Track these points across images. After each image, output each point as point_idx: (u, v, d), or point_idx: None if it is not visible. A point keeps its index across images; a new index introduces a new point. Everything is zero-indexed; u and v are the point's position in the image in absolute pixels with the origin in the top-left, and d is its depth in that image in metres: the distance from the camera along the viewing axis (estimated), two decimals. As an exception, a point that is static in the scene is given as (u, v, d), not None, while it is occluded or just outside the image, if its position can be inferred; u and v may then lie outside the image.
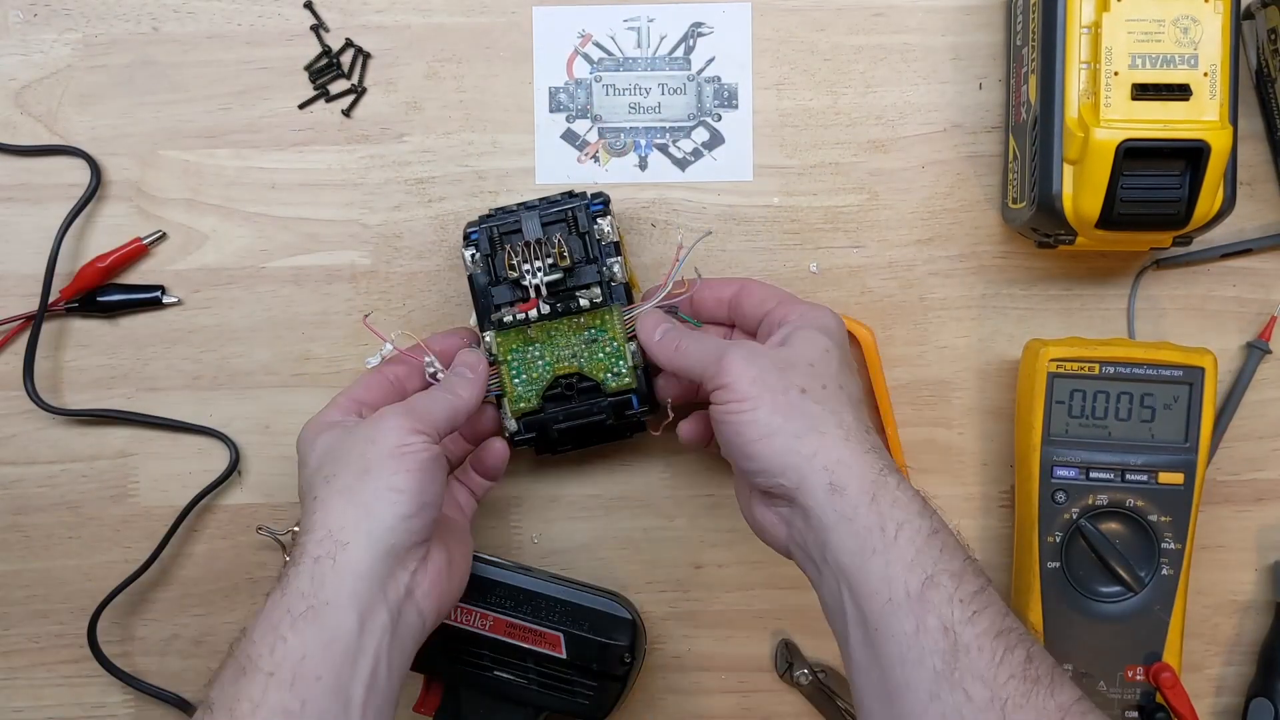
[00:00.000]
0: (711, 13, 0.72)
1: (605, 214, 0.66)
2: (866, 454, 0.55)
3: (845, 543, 0.53)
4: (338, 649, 0.53)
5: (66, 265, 0.72)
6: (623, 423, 0.68)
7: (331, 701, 0.52)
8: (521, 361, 0.67)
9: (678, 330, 0.63)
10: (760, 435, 0.56)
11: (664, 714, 0.74)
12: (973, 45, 0.72)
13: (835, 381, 0.58)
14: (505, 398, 0.67)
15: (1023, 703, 0.48)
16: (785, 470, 0.55)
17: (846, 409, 0.57)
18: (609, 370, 0.66)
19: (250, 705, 0.51)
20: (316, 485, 0.57)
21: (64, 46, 0.72)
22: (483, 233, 0.66)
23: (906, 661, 0.50)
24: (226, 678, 0.52)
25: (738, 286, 0.65)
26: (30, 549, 0.73)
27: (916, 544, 0.52)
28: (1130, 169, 0.61)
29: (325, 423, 0.61)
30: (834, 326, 0.61)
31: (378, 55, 0.72)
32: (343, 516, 0.55)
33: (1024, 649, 0.50)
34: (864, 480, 0.54)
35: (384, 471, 0.56)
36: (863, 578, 0.52)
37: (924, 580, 0.51)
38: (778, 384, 0.57)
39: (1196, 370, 0.67)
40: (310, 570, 0.54)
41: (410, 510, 0.56)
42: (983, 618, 0.50)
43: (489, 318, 0.66)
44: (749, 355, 0.58)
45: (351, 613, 0.53)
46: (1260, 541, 0.73)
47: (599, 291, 0.65)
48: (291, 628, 0.52)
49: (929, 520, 0.53)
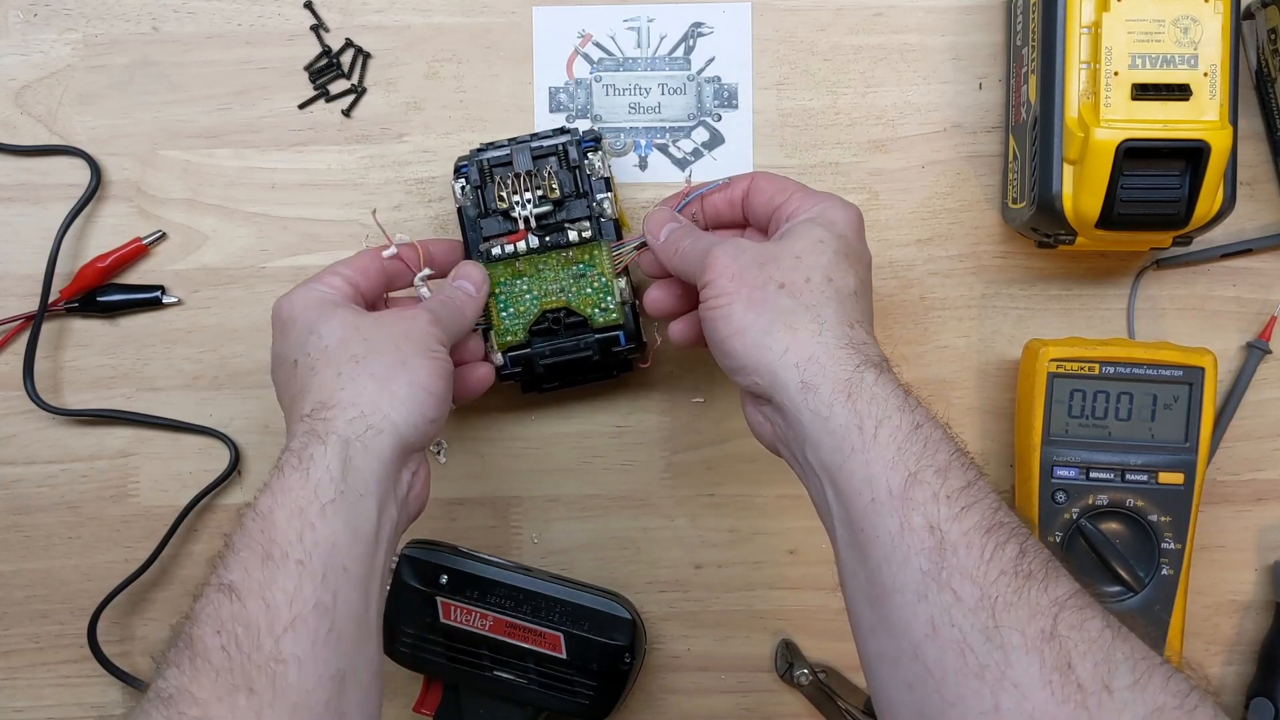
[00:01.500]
0: (711, 13, 0.72)
1: (596, 149, 0.66)
2: (842, 349, 0.53)
3: (823, 441, 0.51)
4: (362, 541, 0.51)
5: (66, 265, 0.72)
6: (609, 359, 0.68)
7: (357, 596, 0.51)
8: (509, 295, 0.67)
9: (683, 230, 0.62)
10: (733, 331, 0.55)
11: (664, 714, 0.74)
12: (973, 45, 0.72)
13: (822, 274, 0.55)
14: (492, 331, 0.67)
15: (1014, 600, 0.46)
16: (758, 368, 0.54)
17: (828, 303, 0.55)
18: (596, 305, 0.66)
19: (285, 596, 0.48)
20: (341, 361, 0.55)
21: (64, 46, 0.72)
22: (473, 165, 0.66)
23: (892, 562, 0.48)
24: (249, 561, 0.49)
25: (746, 184, 0.63)
26: (30, 549, 0.73)
27: (897, 441, 0.50)
28: (1130, 169, 0.61)
29: (327, 297, 0.59)
30: (838, 216, 0.58)
31: (378, 55, 0.72)
32: (376, 402, 0.54)
33: (1016, 544, 0.47)
34: (838, 377, 0.52)
35: (419, 370, 0.56)
36: (844, 478, 0.51)
37: (907, 478, 0.49)
38: (756, 279, 0.55)
39: (1196, 370, 0.67)
40: (341, 452, 0.52)
41: (434, 414, 0.56)
42: (971, 513, 0.48)
43: (477, 250, 0.67)
44: (734, 251, 0.57)
45: (374, 504, 0.52)
46: (1260, 541, 0.73)
47: (589, 226, 0.66)
48: (320, 514, 0.50)
49: (911, 415, 0.51)
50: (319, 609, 0.49)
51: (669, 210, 0.64)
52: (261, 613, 0.48)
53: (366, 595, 0.51)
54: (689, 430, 0.73)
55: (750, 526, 0.73)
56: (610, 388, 0.73)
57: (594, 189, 0.66)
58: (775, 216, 0.61)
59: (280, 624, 0.48)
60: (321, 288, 0.60)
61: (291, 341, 0.58)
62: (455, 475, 0.73)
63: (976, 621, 0.46)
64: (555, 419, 0.73)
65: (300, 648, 0.48)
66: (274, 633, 0.48)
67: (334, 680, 0.48)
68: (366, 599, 0.51)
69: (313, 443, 0.52)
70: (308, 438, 0.53)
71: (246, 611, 0.48)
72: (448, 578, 0.68)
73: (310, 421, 0.53)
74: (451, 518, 0.73)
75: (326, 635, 0.49)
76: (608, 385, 0.72)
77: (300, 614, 0.48)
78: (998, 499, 0.49)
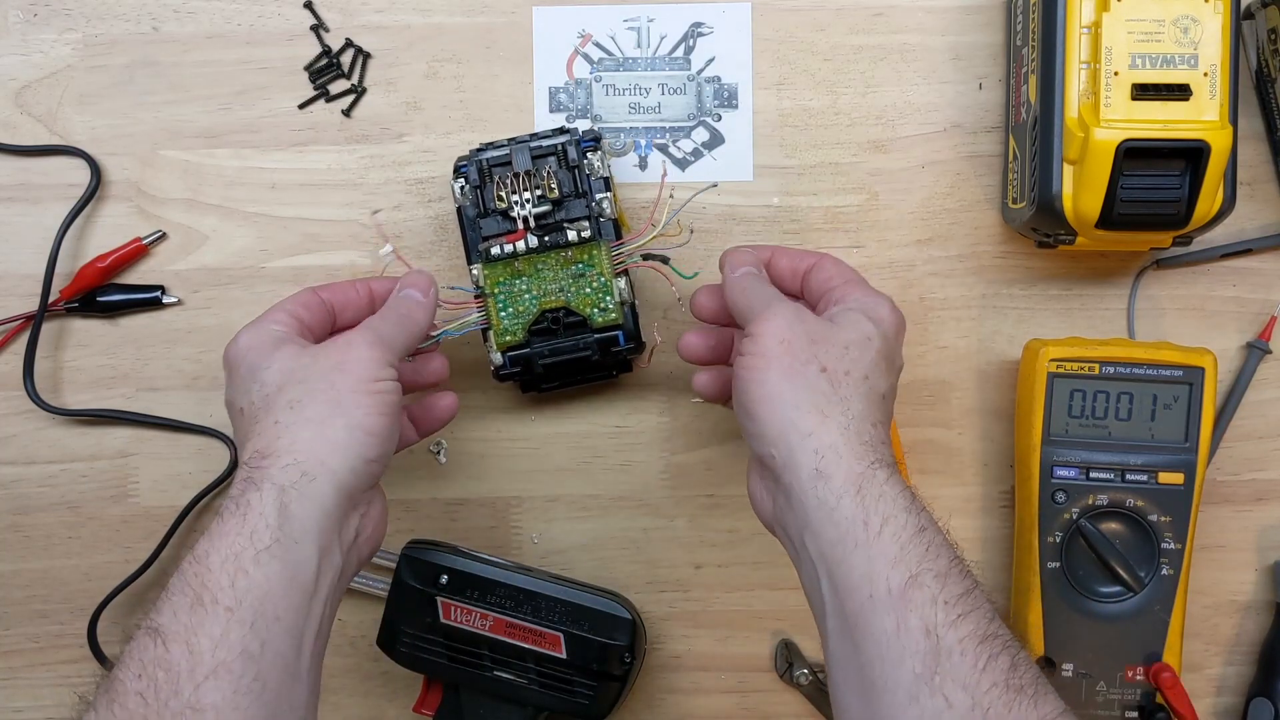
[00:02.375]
0: (711, 13, 0.72)
1: (596, 149, 0.66)
2: (861, 445, 0.53)
3: (825, 532, 0.52)
4: (297, 588, 0.51)
5: (66, 265, 0.72)
6: (608, 359, 0.68)
7: (288, 644, 0.50)
8: (508, 295, 0.67)
9: (757, 275, 0.61)
10: (764, 396, 0.55)
11: (664, 714, 0.74)
12: (973, 45, 0.72)
13: (862, 371, 0.56)
14: (491, 331, 0.67)
15: (1005, 712, 0.46)
16: (778, 440, 0.54)
17: (860, 399, 0.55)
18: (596, 305, 0.66)
19: (210, 642, 0.48)
20: (278, 408, 0.55)
21: (64, 46, 0.72)
22: (472, 165, 0.66)
23: (886, 660, 0.49)
24: (179, 605, 0.49)
25: (814, 261, 0.63)
26: (30, 549, 0.73)
27: (901, 540, 0.51)
28: (1130, 169, 0.61)
29: (272, 334, 0.58)
30: (887, 318, 0.59)
31: (378, 55, 0.72)
32: (310, 449, 0.53)
33: (1009, 656, 0.48)
34: (852, 470, 0.52)
35: (356, 409, 0.55)
36: (844, 571, 0.51)
37: (907, 579, 0.50)
38: (802, 353, 0.55)
39: (1196, 370, 0.67)
40: (277, 498, 0.51)
41: (375, 454, 0.55)
42: (967, 621, 0.49)
43: (476, 249, 0.66)
44: (792, 317, 0.57)
45: (313, 551, 0.52)
46: (1260, 541, 0.73)
47: (588, 226, 0.66)
48: (255, 561, 0.50)
49: (916, 517, 0.52)
50: (244, 656, 0.48)
51: (753, 253, 0.63)
52: (184, 658, 0.48)
53: (299, 643, 0.51)
54: (689, 430, 0.73)
55: (750, 526, 0.73)
56: (610, 388, 0.73)
57: (593, 189, 0.66)
58: (827, 296, 0.61)
59: (202, 670, 0.47)
60: (267, 325, 0.59)
61: (237, 387, 0.58)
62: (455, 475, 0.73)
63: None
64: (555, 419, 0.73)
65: (220, 695, 0.47)
66: (194, 679, 0.47)
67: None
68: (299, 647, 0.51)
69: (249, 490, 0.52)
70: (245, 485, 0.52)
71: (169, 656, 0.48)
72: (448, 578, 0.68)
73: (248, 469, 0.53)
74: (451, 518, 0.73)
75: (250, 684, 0.48)
76: (607, 385, 0.72)
77: (224, 661, 0.48)
78: (992, 609, 0.50)
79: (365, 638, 0.73)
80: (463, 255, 0.68)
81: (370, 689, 0.74)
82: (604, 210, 0.66)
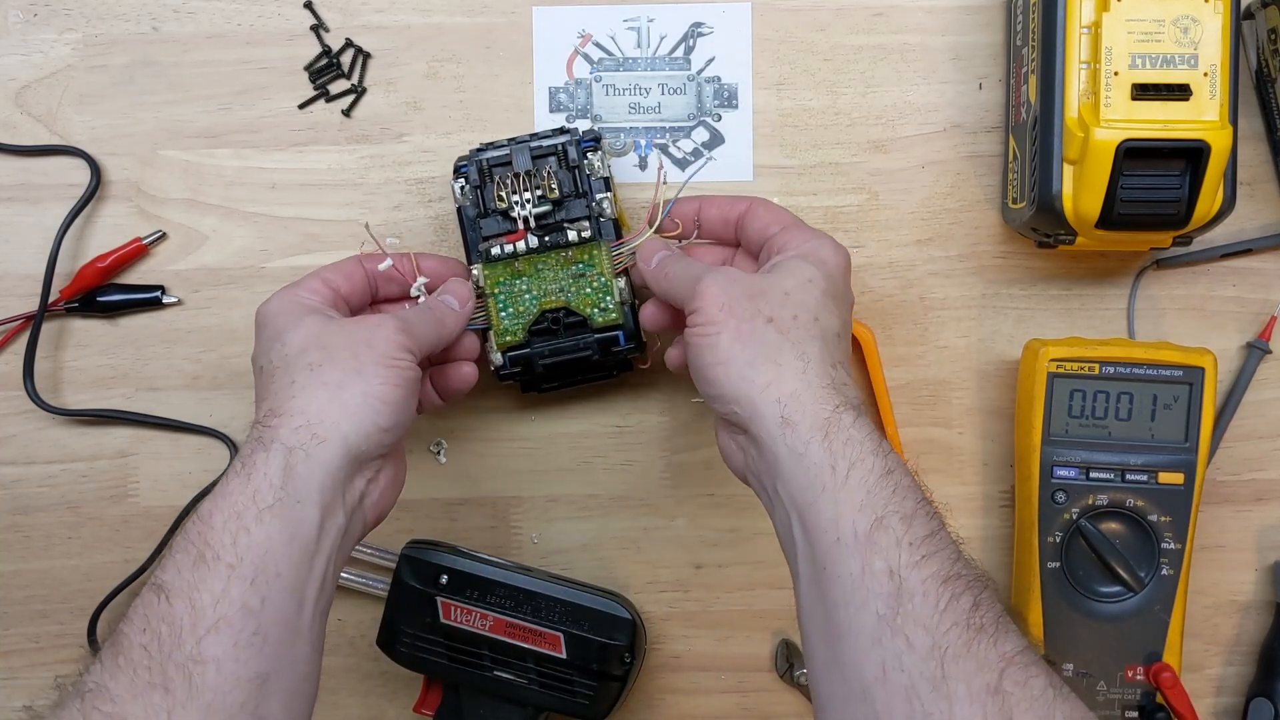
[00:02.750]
0: (711, 13, 0.72)
1: (596, 149, 0.66)
2: (824, 389, 0.54)
3: (796, 478, 0.52)
4: (298, 546, 0.52)
5: (66, 265, 0.72)
6: (609, 359, 0.68)
7: (289, 600, 0.51)
8: (508, 295, 0.67)
9: (674, 256, 0.63)
10: (717, 360, 0.55)
11: (664, 714, 0.74)
12: (973, 45, 0.72)
13: (810, 313, 0.56)
14: (491, 331, 0.67)
15: (963, 651, 0.47)
16: (738, 399, 0.55)
17: (813, 341, 0.55)
18: (596, 305, 0.66)
19: (212, 597, 0.49)
20: (297, 369, 0.56)
21: (64, 46, 0.72)
22: (472, 165, 0.66)
23: (850, 604, 0.49)
24: (183, 562, 0.50)
25: (745, 206, 0.64)
26: (30, 549, 0.73)
27: (868, 484, 0.51)
28: (1130, 169, 0.61)
29: (303, 302, 0.60)
30: (829, 257, 0.59)
31: (378, 55, 0.72)
32: (324, 411, 0.54)
33: (971, 595, 0.48)
34: (817, 416, 0.53)
35: (374, 378, 0.56)
36: (813, 516, 0.51)
37: (873, 522, 0.50)
38: (745, 311, 0.56)
39: (1196, 370, 0.67)
40: (283, 460, 0.53)
41: (388, 424, 0.56)
42: (931, 562, 0.49)
43: (477, 250, 0.67)
44: (724, 280, 0.57)
45: (315, 511, 0.53)
46: (1260, 541, 0.73)
47: (588, 226, 0.66)
48: (257, 519, 0.51)
49: (883, 459, 0.52)
50: (245, 611, 0.50)
51: (660, 239, 0.65)
52: (187, 613, 0.49)
53: (300, 600, 0.52)
54: (689, 430, 0.73)
55: (750, 526, 0.73)
56: (610, 388, 0.73)
57: (593, 189, 0.66)
58: (767, 246, 0.62)
59: (204, 625, 0.49)
60: (301, 292, 0.61)
61: (261, 347, 0.59)
62: (455, 475, 0.73)
63: (926, 670, 0.47)
64: (555, 419, 0.73)
65: (221, 648, 0.49)
66: (196, 633, 0.49)
67: (253, 682, 0.49)
68: (300, 604, 0.52)
69: (257, 450, 0.53)
70: (254, 445, 0.54)
71: (173, 611, 0.49)
72: (448, 578, 0.68)
73: (259, 429, 0.54)
74: (451, 518, 0.73)
75: (250, 638, 0.49)
76: (607, 385, 0.72)
77: (225, 615, 0.49)
78: (958, 550, 0.51)
79: (365, 638, 0.73)
80: (463, 255, 0.68)
81: (370, 689, 0.74)
82: (604, 210, 0.66)
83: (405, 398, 0.57)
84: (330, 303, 0.61)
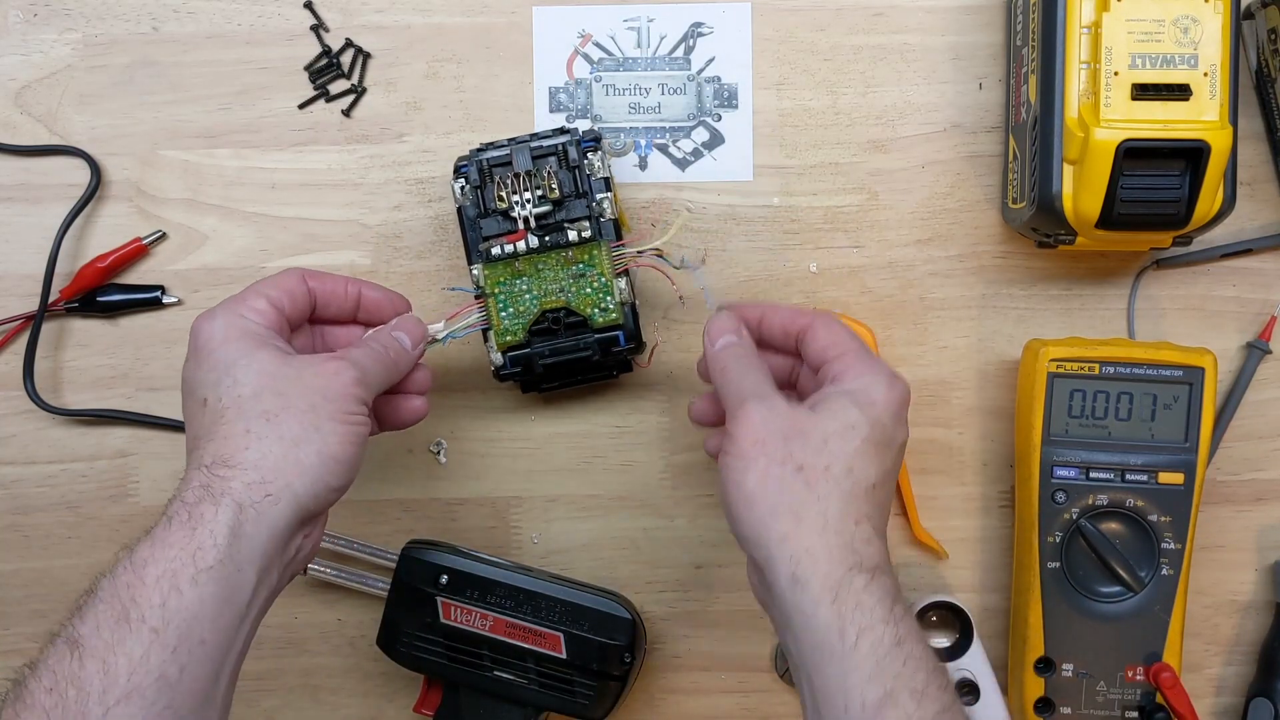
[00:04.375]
0: (711, 13, 0.72)
1: (596, 149, 0.66)
2: (840, 549, 0.52)
3: (804, 638, 0.51)
4: (230, 612, 0.50)
5: (66, 265, 0.72)
6: (609, 359, 0.68)
7: (207, 670, 0.49)
8: (509, 295, 0.67)
9: (738, 351, 0.59)
10: (741, 498, 0.54)
11: (664, 714, 0.74)
12: (973, 45, 0.72)
13: (843, 464, 0.54)
14: (491, 331, 0.67)
15: None
16: (756, 543, 0.53)
17: (839, 497, 0.53)
18: (596, 305, 0.66)
19: (128, 663, 0.47)
20: (251, 416, 0.53)
21: (64, 46, 0.72)
22: (473, 165, 0.66)
23: None
24: (104, 617, 0.48)
25: (807, 321, 0.60)
26: (30, 549, 0.73)
27: (878, 654, 0.49)
28: (1130, 169, 0.61)
29: (251, 329, 0.56)
30: (879, 397, 0.56)
31: (378, 55, 0.72)
32: (279, 468, 0.52)
33: None
34: (829, 577, 0.51)
35: (330, 435, 0.54)
36: (820, 679, 0.50)
37: (882, 695, 0.49)
38: (778, 453, 0.54)
39: (1196, 370, 0.67)
40: (231, 517, 0.51)
41: (340, 483, 0.55)
42: None
43: (477, 250, 0.67)
44: (765, 413, 0.55)
45: (254, 575, 0.51)
46: (1260, 541, 0.73)
47: (588, 226, 0.66)
48: (192, 581, 0.49)
49: (894, 628, 0.50)
50: (160, 683, 0.47)
51: (734, 319, 0.60)
52: (98, 677, 0.47)
53: (219, 668, 0.50)
54: (689, 430, 0.73)
55: (750, 526, 0.73)
56: (610, 388, 0.73)
57: (593, 189, 0.66)
58: (823, 371, 0.59)
59: (114, 694, 0.47)
60: (247, 314, 0.57)
61: (205, 374, 0.56)
62: (455, 475, 0.73)
63: None
64: (555, 419, 0.73)
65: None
66: (105, 702, 0.47)
67: None
68: (218, 672, 0.50)
69: (204, 500, 0.51)
70: (202, 493, 0.51)
71: (84, 673, 0.47)
72: (448, 578, 0.68)
73: (208, 475, 0.52)
74: (451, 518, 0.73)
75: (161, 711, 0.47)
76: (608, 385, 0.72)
77: (139, 685, 0.47)
78: None
79: (365, 638, 0.73)
80: (463, 255, 0.68)
81: (370, 689, 0.74)
82: (604, 210, 0.66)
83: (358, 455, 0.55)
84: (276, 327, 0.58)
